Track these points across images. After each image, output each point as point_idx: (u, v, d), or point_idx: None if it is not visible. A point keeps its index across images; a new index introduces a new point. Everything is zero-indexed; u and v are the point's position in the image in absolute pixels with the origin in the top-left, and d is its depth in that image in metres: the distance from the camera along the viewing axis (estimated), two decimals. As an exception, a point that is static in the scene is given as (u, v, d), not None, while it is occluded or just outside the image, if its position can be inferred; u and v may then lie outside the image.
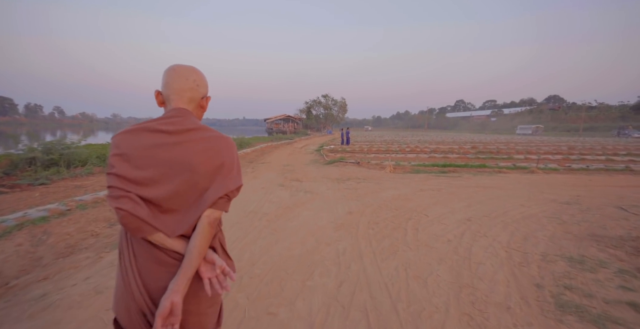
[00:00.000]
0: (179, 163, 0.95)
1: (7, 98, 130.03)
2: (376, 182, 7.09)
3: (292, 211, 4.59)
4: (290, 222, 4.04)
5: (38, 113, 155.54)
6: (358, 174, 8.45)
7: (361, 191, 6.03)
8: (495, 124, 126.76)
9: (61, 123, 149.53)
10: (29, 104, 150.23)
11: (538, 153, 16.24)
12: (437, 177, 7.87)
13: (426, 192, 5.82)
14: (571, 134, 67.23)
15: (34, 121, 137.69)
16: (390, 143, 25.99)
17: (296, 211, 4.58)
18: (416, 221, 4.08)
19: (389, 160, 11.73)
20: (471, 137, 46.75)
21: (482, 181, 7.22)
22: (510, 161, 12.48)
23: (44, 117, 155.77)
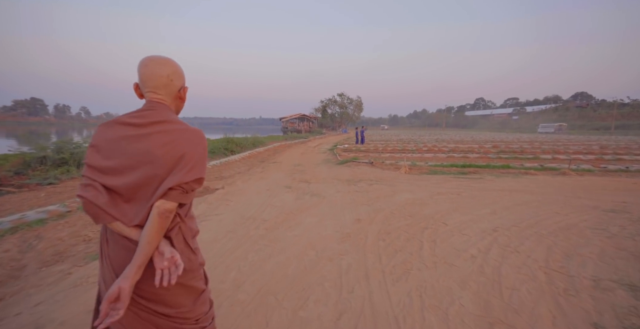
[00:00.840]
0: (141, 155, 0.97)
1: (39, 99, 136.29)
2: (390, 185, 6.57)
3: (294, 217, 4.16)
4: (291, 231, 3.60)
5: (66, 113, 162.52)
6: (371, 176, 7.94)
7: (373, 195, 5.53)
8: (517, 123, 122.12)
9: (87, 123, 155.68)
10: (58, 105, 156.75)
11: (567, 153, 15.16)
12: (456, 178, 7.25)
13: (444, 196, 5.26)
14: (601, 133, 63.69)
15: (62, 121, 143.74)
16: (407, 142, 25.18)
17: (299, 217, 4.15)
18: (433, 230, 3.56)
19: (404, 160, 11.13)
20: (492, 136, 44.98)
21: (506, 183, 6.55)
22: (537, 161, 11.60)
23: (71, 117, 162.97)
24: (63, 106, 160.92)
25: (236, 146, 15.56)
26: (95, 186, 0.94)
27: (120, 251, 1.00)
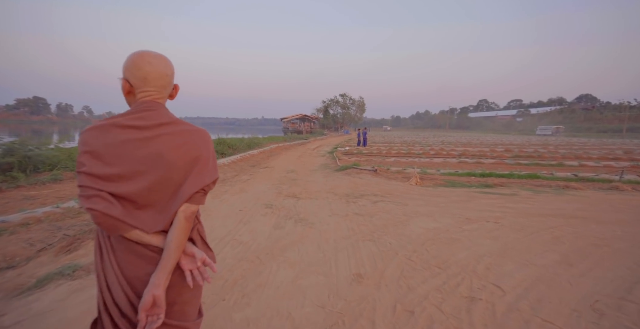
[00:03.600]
0: (153, 159, 0.91)
1: (41, 98, 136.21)
2: (399, 203, 5.13)
3: (260, 267, 2.72)
4: (245, 304, 2.14)
5: (68, 112, 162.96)
6: (375, 188, 6.50)
7: (379, 221, 4.10)
8: (521, 125, 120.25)
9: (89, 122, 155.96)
10: (61, 104, 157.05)
11: (593, 158, 13.67)
12: (483, 194, 5.79)
13: (477, 225, 3.81)
14: (609, 135, 61.74)
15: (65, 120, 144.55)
16: (411, 145, 23.72)
17: (267, 268, 2.70)
18: (486, 305, 2.11)
19: (413, 167, 9.68)
20: (498, 138, 43.38)
21: (552, 202, 5.08)
22: (565, 169, 10.13)
23: (74, 116, 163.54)
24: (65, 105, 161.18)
25: (228, 147, 14.29)
26: (103, 196, 0.86)
27: (132, 259, 0.93)
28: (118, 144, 0.89)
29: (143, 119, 0.94)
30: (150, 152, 0.91)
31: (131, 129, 0.92)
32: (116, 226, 0.87)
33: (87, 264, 2.78)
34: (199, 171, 0.97)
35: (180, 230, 0.94)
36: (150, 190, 0.92)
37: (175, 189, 0.95)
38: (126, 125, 0.92)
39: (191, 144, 0.96)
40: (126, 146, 0.90)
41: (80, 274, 2.61)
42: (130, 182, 0.90)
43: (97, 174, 0.87)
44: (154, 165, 0.91)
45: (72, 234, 4.07)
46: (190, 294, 1.02)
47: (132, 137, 0.91)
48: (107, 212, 0.85)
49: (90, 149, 0.88)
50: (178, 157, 0.94)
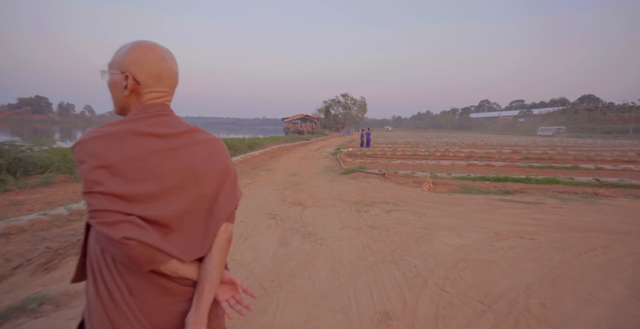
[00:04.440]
0: (185, 173, 0.77)
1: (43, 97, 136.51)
2: (415, 213, 4.67)
3: (266, 300, 2.25)
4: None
5: (70, 112, 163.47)
6: (385, 194, 6.04)
7: (396, 235, 3.64)
8: (523, 125, 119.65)
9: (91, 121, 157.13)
10: (62, 103, 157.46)
11: (606, 161, 13.18)
12: (505, 202, 5.32)
13: (512, 243, 3.34)
14: (614, 136, 61.07)
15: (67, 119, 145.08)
16: (415, 146, 23.26)
17: (274, 302, 2.22)
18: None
19: (424, 171, 9.21)
20: (502, 139, 42.85)
21: (586, 213, 4.58)
22: (582, 172, 9.65)
23: (75, 115, 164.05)
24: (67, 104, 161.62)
25: (229, 148, 13.88)
26: (134, 221, 0.69)
27: (157, 299, 0.75)
28: (142, 157, 0.73)
29: (164, 126, 0.78)
30: (180, 165, 0.77)
31: (154, 137, 0.76)
32: (154, 257, 0.71)
33: (56, 295, 2.32)
34: (231, 185, 0.85)
35: (222, 254, 0.81)
36: (186, 210, 0.78)
37: (207, 207, 0.81)
38: (148, 132, 0.75)
39: (219, 155, 0.84)
40: (152, 159, 0.74)
41: (47, 310, 2.15)
42: (162, 202, 0.75)
43: (119, 194, 0.70)
44: (186, 180, 0.77)
45: (55, 248, 3.65)
46: (217, 323, 0.86)
47: (157, 148, 0.75)
48: (145, 241, 0.69)
49: (105, 164, 0.70)
50: (209, 171, 0.81)
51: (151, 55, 0.78)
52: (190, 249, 0.78)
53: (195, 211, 0.79)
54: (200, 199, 0.79)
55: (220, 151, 0.85)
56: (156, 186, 0.74)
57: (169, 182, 0.75)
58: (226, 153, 0.87)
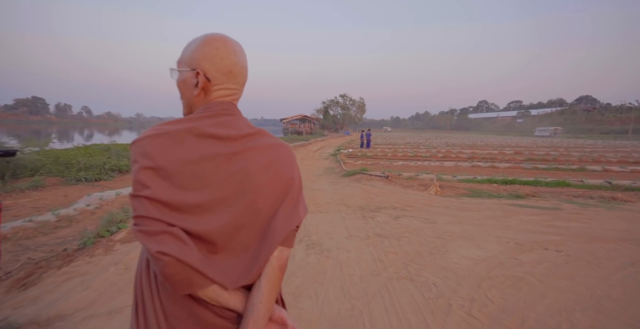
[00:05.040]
0: (238, 182, 0.66)
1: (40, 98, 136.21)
2: (426, 219, 4.37)
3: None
4: None
5: (67, 112, 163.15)
6: (391, 198, 5.75)
7: (408, 246, 3.33)
8: (521, 126, 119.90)
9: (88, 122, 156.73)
10: (59, 104, 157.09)
11: (611, 162, 12.96)
12: (520, 208, 5.02)
13: (538, 256, 3.03)
14: (613, 137, 61.09)
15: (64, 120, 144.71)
16: (416, 146, 23.01)
17: None
18: None
19: (428, 172, 8.93)
20: (501, 139, 42.71)
21: (609, 221, 4.24)
22: (590, 174, 9.39)
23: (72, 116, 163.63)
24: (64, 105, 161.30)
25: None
26: (176, 233, 0.60)
27: (186, 324, 0.64)
28: (196, 160, 0.64)
29: (225, 127, 0.68)
30: (235, 173, 0.66)
31: (213, 139, 0.66)
32: (191, 280, 0.60)
33: (24, 324, 2.01)
34: (293, 201, 0.71)
35: (273, 285, 0.66)
36: (236, 226, 0.65)
37: (261, 225, 0.68)
38: (207, 133, 0.66)
39: (281, 163, 0.71)
40: (207, 164, 0.64)
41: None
42: (210, 215, 0.64)
43: (167, 202, 0.61)
44: (241, 191, 0.66)
45: (37, 260, 3.34)
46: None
47: (213, 152, 0.65)
48: (183, 259, 0.58)
49: (155, 165, 0.62)
50: (268, 181, 0.68)
51: (222, 49, 0.71)
52: (235, 274, 0.66)
53: (247, 228, 0.68)
54: (254, 214, 0.67)
55: (284, 158, 0.73)
56: (206, 196, 0.64)
57: (221, 192, 0.65)
58: (292, 161, 0.75)
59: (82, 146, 14.15)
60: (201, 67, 0.70)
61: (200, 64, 0.70)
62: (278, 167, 0.71)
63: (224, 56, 0.70)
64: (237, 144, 0.68)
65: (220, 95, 0.72)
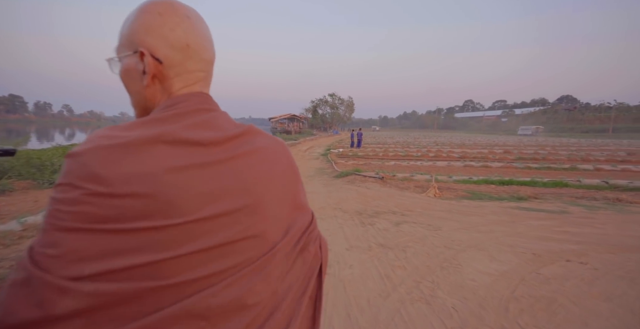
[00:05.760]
0: (236, 209, 0.46)
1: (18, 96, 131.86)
2: (429, 225, 4.06)
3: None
4: None
5: (47, 111, 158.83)
6: (389, 202, 5.43)
7: (415, 258, 3.00)
8: (506, 125, 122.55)
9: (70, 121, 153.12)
10: (39, 102, 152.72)
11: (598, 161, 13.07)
12: (525, 212, 4.77)
13: (562, 269, 2.73)
14: (593, 136, 62.96)
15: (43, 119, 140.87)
16: (406, 146, 22.93)
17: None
18: None
19: (422, 173, 8.67)
20: (488, 139, 43.36)
21: (624, 226, 3.92)
22: (585, 173, 9.33)
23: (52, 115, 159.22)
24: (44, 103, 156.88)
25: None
26: None
27: None
28: (173, 182, 0.42)
29: (206, 128, 0.48)
30: (226, 188, 0.46)
31: (194, 147, 0.46)
32: None
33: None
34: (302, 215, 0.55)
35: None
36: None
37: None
38: (183, 139, 0.45)
39: (283, 168, 0.54)
40: (187, 183, 0.43)
41: None
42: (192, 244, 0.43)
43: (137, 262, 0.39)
44: (234, 213, 0.46)
45: (-11, 279, 2.85)
46: None
47: (196, 162, 0.44)
48: None
49: (108, 191, 0.39)
50: (273, 200, 0.50)
51: (170, 14, 0.49)
52: None
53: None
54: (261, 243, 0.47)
55: (284, 162, 0.54)
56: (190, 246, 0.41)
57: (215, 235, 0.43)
58: (295, 164, 0.57)
59: (60, 146, 13.39)
60: (145, 45, 0.49)
61: (144, 41, 0.49)
62: (280, 176, 0.53)
63: (175, 24, 0.49)
64: (224, 149, 0.49)
65: (182, 84, 0.51)
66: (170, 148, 0.44)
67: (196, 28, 0.51)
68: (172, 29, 0.49)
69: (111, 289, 0.37)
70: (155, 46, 0.48)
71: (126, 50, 0.51)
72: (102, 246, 0.37)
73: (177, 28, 0.49)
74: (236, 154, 0.49)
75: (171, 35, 0.49)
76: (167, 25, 0.49)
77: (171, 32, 0.49)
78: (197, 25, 0.52)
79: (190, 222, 0.42)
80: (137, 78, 0.50)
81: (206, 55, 0.53)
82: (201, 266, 0.42)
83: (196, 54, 0.51)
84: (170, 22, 0.49)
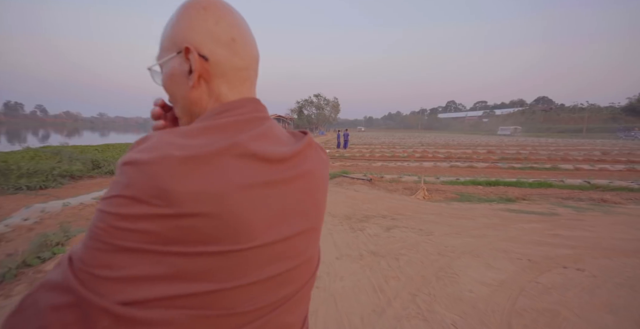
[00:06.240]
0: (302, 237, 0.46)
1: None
2: (420, 230, 3.94)
3: None
4: None
5: (19, 111, 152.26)
6: (378, 205, 5.29)
7: (409, 267, 2.85)
8: (487, 125, 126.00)
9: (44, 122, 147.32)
10: (9, 102, 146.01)
11: (577, 160, 13.45)
12: (515, 214, 4.72)
13: (560, 277, 2.63)
14: (569, 135, 65.45)
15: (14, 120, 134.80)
16: (392, 146, 23.06)
17: None
18: None
19: (413, 175, 8.61)
20: (471, 139, 44.31)
21: (612, 227, 3.93)
22: (567, 173, 9.51)
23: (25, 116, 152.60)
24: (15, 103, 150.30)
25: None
26: None
27: None
28: (249, 201, 0.40)
29: (269, 141, 0.45)
30: (288, 210, 0.44)
31: (260, 163, 0.41)
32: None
33: None
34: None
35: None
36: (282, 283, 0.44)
37: None
38: (251, 153, 0.41)
39: (325, 184, 0.52)
40: (260, 200, 0.41)
41: None
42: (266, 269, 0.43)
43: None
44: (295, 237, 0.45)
45: None
46: None
47: (262, 180, 0.41)
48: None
49: (178, 212, 0.35)
50: (320, 221, 0.50)
51: (214, 9, 0.47)
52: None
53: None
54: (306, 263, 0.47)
55: (326, 177, 0.53)
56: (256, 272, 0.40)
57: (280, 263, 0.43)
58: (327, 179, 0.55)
59: (29, 149, 12.62)
60: (190, 42, 0.45)
61: (188, 38, 0.45)
62: (323, 194, 0.51)
63: (219, 17, 0.46)
64: (287, 167, 0.44)
65: (230, 84, 0.46)
66: (238, 162, 0.40)
67: (240, 21, 0.49)
68: (217, 22, 0.46)
69: (164, 317, 0.34)
70: (200, 42, 0.45)
71: (169, 53, 0.48)
72: (162, 271, 0.34)
73: (222, 21, 0.47)
74: (296, 174, 0.45)
75: (216, 29, 0.46)
76: (211, 18, 0.46)
77: (216, 26, 0.46)
78: (240, 18, 0.50)
79: (255, 248, 0.40)
80: (183, 80, 0.47)
81: (251, 50, 0.50)
82: (261, 296, 0.41)
83: (242, 48, 0.48)
84: (214, 15, 0.46)
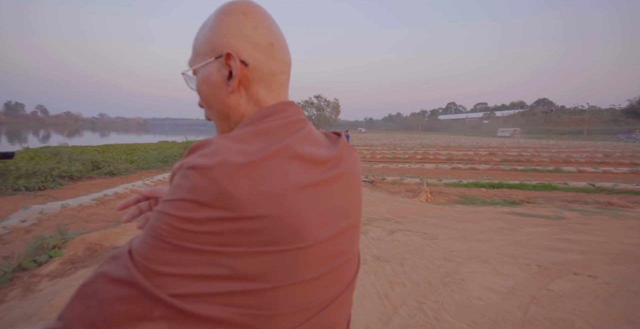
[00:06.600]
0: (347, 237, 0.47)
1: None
2: (425, 234, 3.86)
3: None
4: None
5: (19, 112, 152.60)
6: (381, 207, 5.22)
7: (415, 273, 2.77)
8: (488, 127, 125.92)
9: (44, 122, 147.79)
10: (10, 103, 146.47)
11: (580, 162, 13.38)
12: (521, 217, 4.64)
13: (571, 284, 2.54)
14: (569, 137, 65.36)
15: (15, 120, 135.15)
16: (393, 148, 23.01)
17: None
18: None
19: (415, 176, 8.53)
20: (472, 140, 44.24)
21: (622, 232, 3.85)
22: (570, 176, 9.44)
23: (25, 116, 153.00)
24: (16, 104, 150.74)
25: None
26: None
27: None
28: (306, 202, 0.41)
29: (311, 143, 0.46)
30: (333, 209, 0.44)
31: (307, 164, 0.42)
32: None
33: None
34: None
35: None
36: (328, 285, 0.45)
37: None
38: (299, 155, 0.42)
39: (360, 183, 0.52)
40: (311, 200, 0.41)
41: None
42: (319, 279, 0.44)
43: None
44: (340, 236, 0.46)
45: None
46: None
47: (311, 181, 0.42)
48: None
49: (241, 216, 0.36)
50: (359, 219, 0.51)
51: (253, 14, 0.47)
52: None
53: None
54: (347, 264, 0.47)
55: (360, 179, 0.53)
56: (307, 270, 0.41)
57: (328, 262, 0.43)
58: None
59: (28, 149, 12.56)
60: (230, 47, 0.45)
61: (228, 43, 0.45)
62: (359, 194, 0.51)
63: (257, 22, 0.47)
64: (329, 168, 0.44)
65: (267, 89, 0.47)
66: (290, 164, 0.41)
67: (275, 26, 0.50)
68: (256, 28, 0.47)
69: (221, 314, 0.35)
70: (240, 48, 0.46)
71: (206, 58, 0.48)
72: (222, 270, 0.35)
73: (260, 26, 0.47)
74: (338, 174, 0.46)
75: (255, 34, 0.47)
76: (250, 24, 0.47)
77: (255, 31, 0.47)
78: (275, 23, 0.50)
79: (310, 247, 0.40)
80: (221, 86, 0.47)
81: (287, 56, 0.51)
82: (312, 294, 0.41)
83: (279, 53, 0.49)
84: (253, 21, 0.47)
